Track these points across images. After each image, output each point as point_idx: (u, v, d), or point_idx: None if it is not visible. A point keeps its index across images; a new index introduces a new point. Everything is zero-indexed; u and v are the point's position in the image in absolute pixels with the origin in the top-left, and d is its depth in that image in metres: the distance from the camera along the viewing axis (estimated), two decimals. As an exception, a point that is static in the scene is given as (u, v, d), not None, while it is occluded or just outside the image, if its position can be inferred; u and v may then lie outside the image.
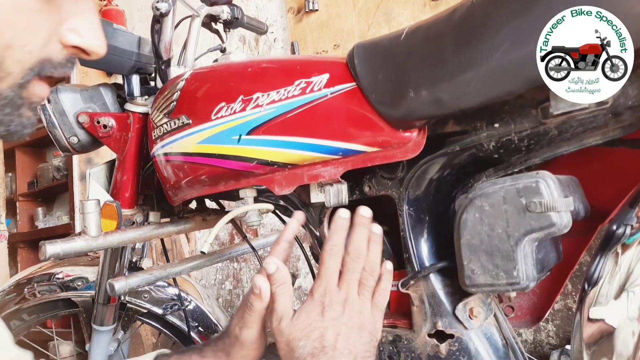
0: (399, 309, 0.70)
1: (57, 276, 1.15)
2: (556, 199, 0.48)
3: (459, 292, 0.59)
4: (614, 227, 0.55)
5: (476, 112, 0.54)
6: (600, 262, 0.56)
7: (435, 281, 0.61)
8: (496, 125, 0.54)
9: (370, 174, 0.65)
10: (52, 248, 0.71)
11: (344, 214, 0.61)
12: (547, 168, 0.53)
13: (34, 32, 0.39)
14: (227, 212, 0.75)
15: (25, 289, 1.16)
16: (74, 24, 0.42)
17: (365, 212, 0.61)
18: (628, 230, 0.54)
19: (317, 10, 2.03)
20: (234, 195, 0.79)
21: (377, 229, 0.61)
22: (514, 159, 0.57)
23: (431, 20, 0.53)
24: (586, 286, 0.58)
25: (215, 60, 0.88)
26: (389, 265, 0.61)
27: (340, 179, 0.62)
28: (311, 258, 0.86)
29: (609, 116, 0.48)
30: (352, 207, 0.71)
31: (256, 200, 0.74)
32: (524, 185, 0.50)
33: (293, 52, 2.09)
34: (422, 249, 0.63)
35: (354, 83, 0.57)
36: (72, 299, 1.13)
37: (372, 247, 0.59)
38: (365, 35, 1.87)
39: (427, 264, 0.62)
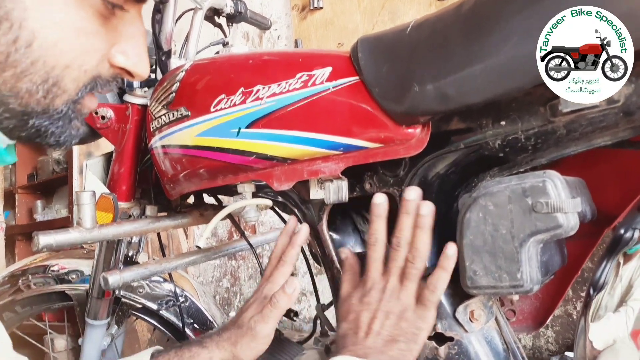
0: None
1: (52, 268, 1.14)
2: (563, 200, 0.47)
3: (459, 293, 0.57)
4: (622, 231, 0.54)
5: (482, 109, 0.52)
6: (606, 267, 0.54)
7: (436, 282, 0.59)
8: (502, 122, 0.52)
9: (372, 170, 0.64)
10: (45, 239, 0.70)
11: (378, 199, 0.59)
12: (553, 169, 0.52)
13: (92, 53, 0.42)
14: (225, 207, 0.74)
15: (20, 281, 1.15)
16: (124, 47, 0.44)
17: (409, 194, 0.56)
18: (636, 235, 0.53)
19: (321, 8, 2.01)
20: (232, 190, 0.78)
21: (426, 209, 0.55)
22: (519, 158, 0.55)
23: (438, 13, 0.52)
24: (591, 291, 0.57)
25: (217, 53, 0.87)
26: (448, 250, 0.54)
27: (340, 175, 0.60)
28: (309, 257, 0.85)
29: (620, 115, 0.47)
30: (351, 204, 0.70)
31: (254, 195, 0.72)
32: (530, 184, 0.48)
33: (297, 50, 2.08)
34: (423, 249, 0.61)
35: (357, 77, 0.56)
36: (67, 292, 1.12)
37: (417, 233, 0.56)
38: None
39: (427, 264, 0.60)
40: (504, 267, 0.50)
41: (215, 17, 1.05)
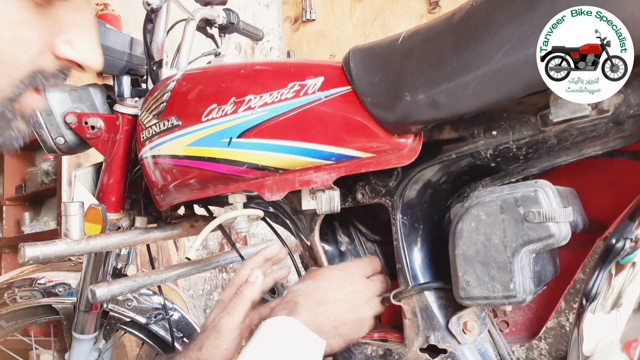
0: (391, 321, 0.68)
1: (38, 281, 1.12)
2: (555, 209, 0.46)
3: (452, 305, 0.57)
4: (613, 241, 0.53)
5: (474, 118, 0.52)
6: (598, 277, 0.54)
7: (429, 293, 0.58)
8: (494, 132, 0.52)
9: (364, 180, 0.64)
10: (31, 250, 0.69)
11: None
12: (545, 178, 0.52)
13: (26, 45, 0.38)
14: (216, 217, 0.73)
15: (6, 294, 1.12)
16: (70, 37, 0.40)
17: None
18: (627, 244, 0.53)
19: (314, 20, 2.03)
20: (223, 201, 0.77)
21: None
22: (511, 168, 0.55)
23: (429, 23, 0.52)
24: (584, 302, 0.56)
25: (209, 63, 0.87)
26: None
27: (332, 185, 0.60)
28: (301, 268, 0.84)
29: (610, 125, 0.47)
30: (344, 214, 0.69)
31: (246, 206, 0.72)
32: (522, 194, 0.48)
33: (289, 62, 2.08)
34: (416, 260, 0.61)
35: (349, 87, 0.56)
36: (53, 305, 1.09)
37: None
38: (361, 46, 1.86)
39: (420, 275, 0.60)
40: (497, 277, 0.49)
41: (208, 28, 1.05)
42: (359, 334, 0.60)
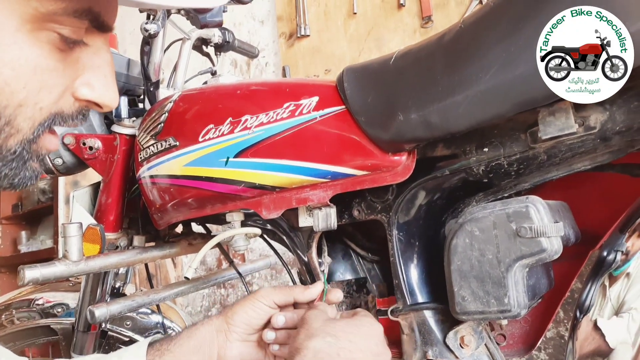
0: (389, 337, 0.68)
1: (37, 302, 1.12)
2: (546, 224, 0.47)
3: (449, 320, 0.57)
4: (605, 253, 0.54)
5: (465, 136, 0.54)
6: (592, 289, 0.55)
7: (426, 309, 0.59)
8: (485, 149, 0.53)
9: (360, 197, 0.65)
10: (30, 273, 0.69)
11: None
12: (537, 193, 0.53)
13: (49, 90, 0.39)
14: (214, 236, 0.73)
15: (3, 316, 1.12)
16: (88, 78, 0.42)
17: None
18: (619, 257, 0.53)
19: (308, 35, 2.05)
20: (221, 219, 0.77)
21: None
22: (503, 183, 0.56)
23: (420, 44, 0.54)
24: (578, 314, 0.57)
25: (205, 83, 0.88)
26: None
27: (329, 203, 0.61)
28: (299, 284, 0.84)
29: (597, 141, 0.48)
30: (340, 231, 0.70)
31: (243, 224, 0.72)
32: (514, 210, 0.49)
33: (284, 77, 2.11)
34: (412, 275, 0.61)
35: (343, 106, 0.57)
36: (52, 326, 1.09)
37: None
38: (356, 60, 1.88)
39: (417, 290, 0.61)
40: (492, 292, 0.50)
41: (204, 47, 1.07)
42: None
